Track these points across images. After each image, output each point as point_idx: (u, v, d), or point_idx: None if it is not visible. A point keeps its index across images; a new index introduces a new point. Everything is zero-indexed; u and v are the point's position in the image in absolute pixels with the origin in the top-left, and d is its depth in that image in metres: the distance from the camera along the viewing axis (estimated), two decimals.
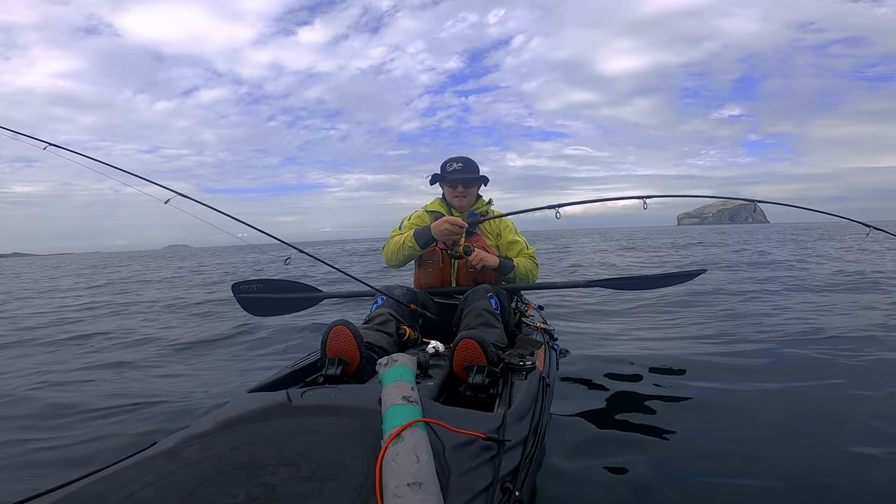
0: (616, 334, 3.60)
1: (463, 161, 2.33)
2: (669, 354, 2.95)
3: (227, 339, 3.89)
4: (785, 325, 3.61)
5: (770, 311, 4.26)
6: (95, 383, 2.75)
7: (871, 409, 1.90)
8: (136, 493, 0.74)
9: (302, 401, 1.04)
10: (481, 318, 1.80)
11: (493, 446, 0.95)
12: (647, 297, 4.93)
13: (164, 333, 4.32)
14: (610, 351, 3.07)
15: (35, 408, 2.30)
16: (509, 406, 1.19)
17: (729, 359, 2.79)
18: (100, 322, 5.26)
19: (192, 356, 3.43)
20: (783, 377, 2.38)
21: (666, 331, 3.72)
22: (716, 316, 4.14)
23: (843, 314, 3.98)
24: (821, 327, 3.40)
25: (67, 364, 3.28)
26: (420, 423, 0.87)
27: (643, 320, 4.22)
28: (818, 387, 2.23)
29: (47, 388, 2.65)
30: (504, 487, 0.88)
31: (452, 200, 2.37)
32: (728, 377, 2.45)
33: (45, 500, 0.75)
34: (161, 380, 2.84)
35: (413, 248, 2.19)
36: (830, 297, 4.91)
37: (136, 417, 2.13)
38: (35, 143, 1.91)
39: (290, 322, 3.90)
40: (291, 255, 2.08)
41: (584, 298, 5.41)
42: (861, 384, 2.20)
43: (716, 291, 5.40)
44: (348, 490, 0.74)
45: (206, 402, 2.24)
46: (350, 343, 1.41)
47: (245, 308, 2.88)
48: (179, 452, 0.85)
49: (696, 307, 4.58)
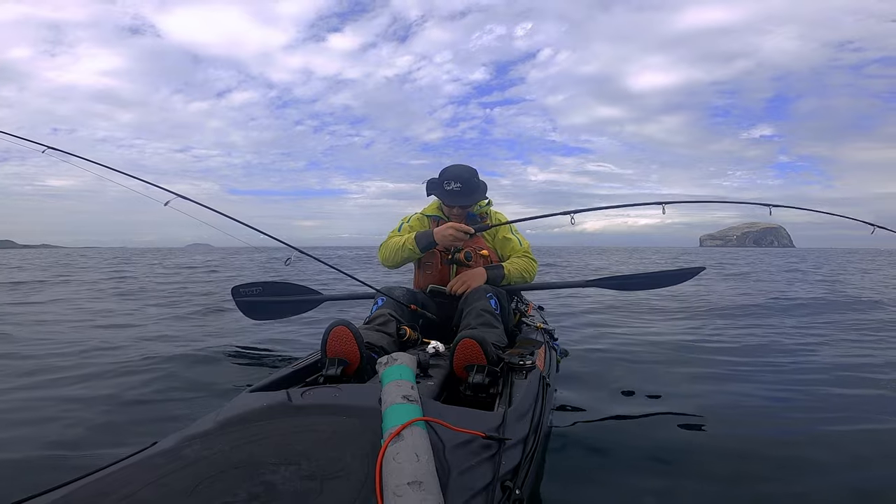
0: (616, 334, 3.60)
1: (462, 181, 2.20)
2: (671, 354, 2.95)
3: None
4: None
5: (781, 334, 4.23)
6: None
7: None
8: (137, 492, 0.74)
9: (302, 400, 1.04)
10: (481, 318, 1.80)
11: (493, 445, 0.95)
12: (649, 297, 4.94)
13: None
14: (610, 350, 3.07)
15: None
16: (509, 405, 1.19)
17: (730, 358, 2.79)
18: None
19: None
20: (792, 372, 2.38)
21: (667, 330, 3.72)
22: (720, 315, 4.14)
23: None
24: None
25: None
26: (420, 422, 0.87)
27: (644, 320, 4.23)
28: (822, 390, 2.23)
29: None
30: (504, 486, 0.88)
31: (451, 215, 2.29)
32: (730, 377, 2.45)
33: (45, 499, 0.75)
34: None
35: (413, 252, 2.15)
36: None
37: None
38: (35, 147, 1.92)
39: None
40: (292, 256, 2.08)
41: (584, 298, 5.42)
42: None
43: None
44: (349, 489, 0.75)
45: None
46: (350, 343, 1.41)
47: (244, 312, 2.87)
48: (180, 452, 0.85)
49: (698, 306, 4.59)
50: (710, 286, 7.52)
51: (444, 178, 2.24)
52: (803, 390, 2.21)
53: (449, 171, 2.25)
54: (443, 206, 2.33)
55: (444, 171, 2.26)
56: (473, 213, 2.34)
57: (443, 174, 2.26)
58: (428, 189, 2.31)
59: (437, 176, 2.30)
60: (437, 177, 2.28)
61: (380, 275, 7.35)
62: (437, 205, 2.41)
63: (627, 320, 4.23)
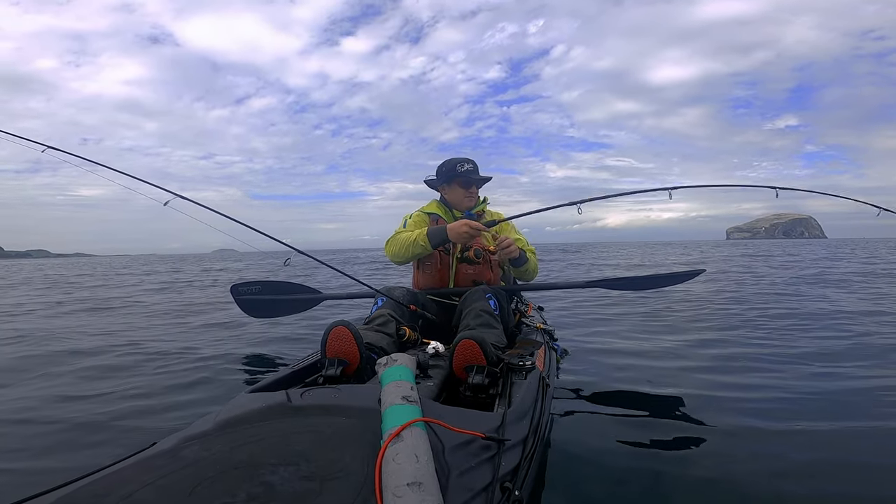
0: (616, 334, 3.60)
1: (471, 162, 2.33)
2: (671, 354, 2.95)
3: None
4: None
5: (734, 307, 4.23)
6: None
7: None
8: (136, 492, 0.74)
9: (301, 401, 1.04)
10: (480, 318, 1.81)
11: (492, 446, 0.95)
12: (650, 296, 4.94)
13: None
14: (610, 350, 3.06)
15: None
16: (509, 406, 1.19)
17: (732, 360, 2.79)
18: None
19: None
20: (794, 377, 2.37)
21: (667, 330, 3.72)
22: (721, 317, 4.14)
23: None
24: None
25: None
26: (420, 423, 0.87)
27: (644, 320, 4.22)
28: (828, 397, 2.23)
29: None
30: (503, 487, 0.88)
31: (462, 201, 2.34)
32: (731, 376, 2.45)
33: (45, 499, 0.75)
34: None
35: (425, 248, 2.16)
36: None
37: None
38: (35, 147, 1.92)
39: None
40: (291, 256, 2.08)
41: (584, 298, 5.41)
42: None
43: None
44: (348, 489, 0.75)
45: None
46: (350, 343, 1.41)
47: (244, 310, 2.89)
48: (179, 452, 0.85)
49: (698, 305, 4.59)
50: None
51: (454, 163, 2.32)
52: (817, 395, 2.15)
53: (452, 158, 2.34)
54: (456, 194, 2.35)
55: (448, 161, 2.34)
56: (471, 211, 2.35)
57: (448, 162, 2.34)
58: (438, 177, 2.37)
59: (435, 175, 2.38)
60: (439, 169, 2.36)
61: (383, 276, 7.33)
62: (436, 203, 2.43)
63: (628, 320, 4.23)
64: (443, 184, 2.38)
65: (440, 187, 2.41)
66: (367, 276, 9.34)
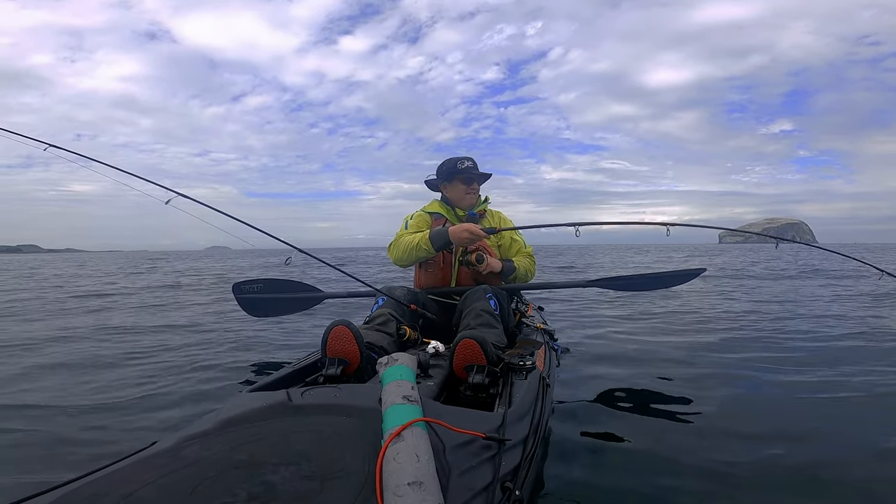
0: (617, 334, 3.60)
1: (471, 160, 2.35)
2: (672, 354, 2.95)
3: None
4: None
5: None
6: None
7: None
8: (136, 492, 0.74)
9: (302, 400, 1.04)
10: (480, 318, 1.80)
11: (493, 446, 0.95)
12: (650, 296, 4.94)
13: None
14: (610, 350, 3.06)
15: None
16: (509, 406, 1.19)
17: (732, 359, 2.79)
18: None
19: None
20: (795, 375, 2.37)
21: (668, 330, 3.72)
22: (721, 317, 4.14)
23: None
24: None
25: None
26: (420, 423, 0.87)
27: (644, 320, 4.22)
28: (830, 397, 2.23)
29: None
30: (504, 487, 0.88)
31: (464, 198, 2.35)
32: (731, 377, 2.45)
33: (45, 499, 0.74)
34: None
35: (428, 251, 2.18)
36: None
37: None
38: (37, 145, 1.92)
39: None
40: (292, 255, 2.08)
41: (584, 298, 5.41)
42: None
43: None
44: (349, 489, 0.74)
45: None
46: (350, 343, 1.40)
47: (245, 308, 2.88)
48: (180, 451, 0.85)
49: (700, 305, 4.59)
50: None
51: (454, 161, 2.34)
52: (818, 396, 2.16)
53: (451, 157, 2.36)
54: (457, 191, 2.36)
55: (448, 160, 2.36)
56: (474, 211, 2.35)
57: (448, 160, 2.36)
58: (439, 176, 2.38)
59: (436, 174, 2.39)
60: (439, 168, 2.37)
61: (383, 276, 7.33)
62: (437, 203, 2.43)
63: (628, 320, 4.23)
64: (444, 182, 2.38)
65: (441, 185, 2.41)
66: (367, 277, 9.32)
